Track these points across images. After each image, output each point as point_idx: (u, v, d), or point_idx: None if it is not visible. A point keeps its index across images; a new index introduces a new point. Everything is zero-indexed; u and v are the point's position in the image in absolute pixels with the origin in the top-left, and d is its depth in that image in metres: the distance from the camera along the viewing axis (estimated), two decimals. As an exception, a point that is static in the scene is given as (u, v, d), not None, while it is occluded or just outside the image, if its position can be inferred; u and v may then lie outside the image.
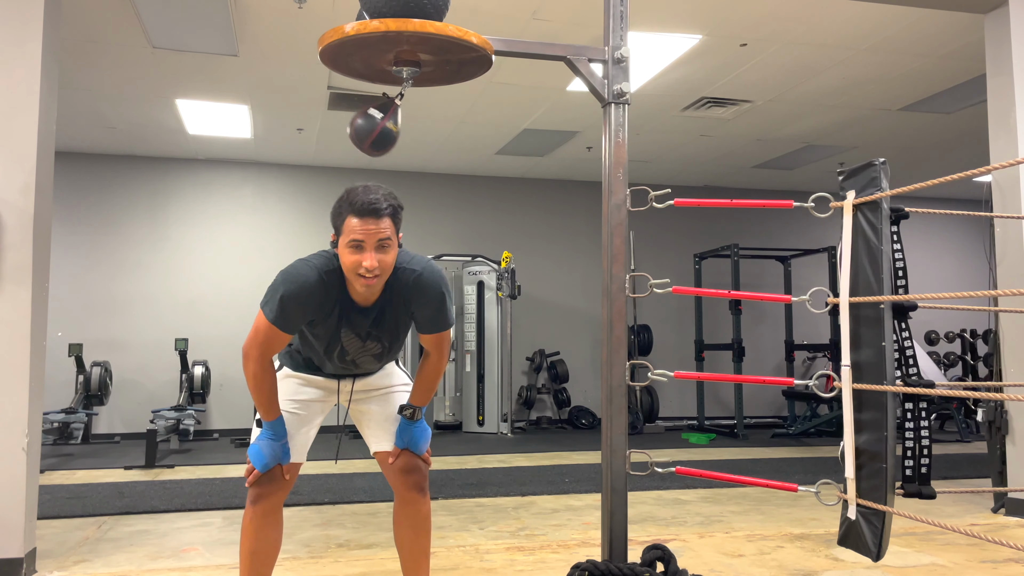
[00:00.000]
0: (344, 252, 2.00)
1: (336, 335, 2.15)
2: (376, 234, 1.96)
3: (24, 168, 3.12)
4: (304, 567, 3.13)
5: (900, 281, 2.13)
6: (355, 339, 2.17)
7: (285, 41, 4.98)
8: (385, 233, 1.98)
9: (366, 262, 1.96)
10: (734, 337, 7.82)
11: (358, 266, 1.97)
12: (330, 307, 2.09)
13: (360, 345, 2.19)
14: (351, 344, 2.17)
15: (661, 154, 7.87)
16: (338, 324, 2.12)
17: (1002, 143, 4.13)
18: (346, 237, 1.98)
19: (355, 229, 1.96)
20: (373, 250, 1.97)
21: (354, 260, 1.97)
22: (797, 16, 4.65)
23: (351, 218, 1.97)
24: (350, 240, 1.97)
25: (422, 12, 2.08)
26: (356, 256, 1.97)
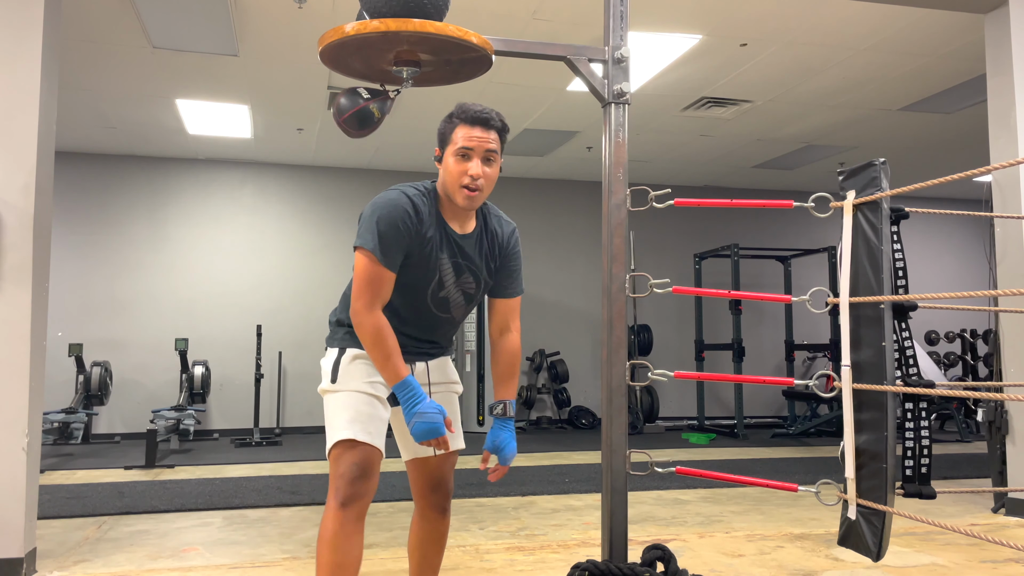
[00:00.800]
0: (449, 162, 1.96)
1: (435, 263, 2.02)
2: (484, 144, 1.94)
3: (24, 168, 3.12)
4: (304, 567, 3.13)
5: (900, 281, 2.13)
6: (450, 269, 2.05)
7: (285, 41, 4.98)
8: (492, 145, 1.96)
9: (472, 170, 1.93)
10: (734, 337, 7.82)
11: (463, 175, 1.94)
12: (427, 230, 1.99)
13: (454, 277, 2.07)
14: (448, 274, 2.05)
15: (661, 154, 7.87)
16: (437, 249, 2.01)
17: (1002, 143, 4.13)
18: (453, 146, 1.95)
19: (464, 137, 1.94)
20: (480, 159, 1.94)
21: (460, 169, 1.94)
22: (797, 16, 4.65)
23: (461, 126, 1.95)
24: (458, 148, 1.94)
25: (422, 12, 2.08)
26: (462, 165, 1.94)
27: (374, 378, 2.01)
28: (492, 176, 1.97)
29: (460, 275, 2.07)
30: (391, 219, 1.92)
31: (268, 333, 7.80)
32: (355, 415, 1.95)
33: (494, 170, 1.98)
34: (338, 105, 2.42)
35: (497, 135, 1.98)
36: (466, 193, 1.94)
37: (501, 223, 2.14)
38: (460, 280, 2.08)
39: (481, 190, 1.95)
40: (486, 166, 1.95)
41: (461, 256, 2.06)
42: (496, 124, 1.97)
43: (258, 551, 3.37)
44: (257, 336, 7.42)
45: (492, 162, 1.97)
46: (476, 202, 1.97)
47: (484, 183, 1.95)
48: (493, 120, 1.96)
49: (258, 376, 7.33)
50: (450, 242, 2.03)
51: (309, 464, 5.85)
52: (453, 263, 2.05)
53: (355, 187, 8.29)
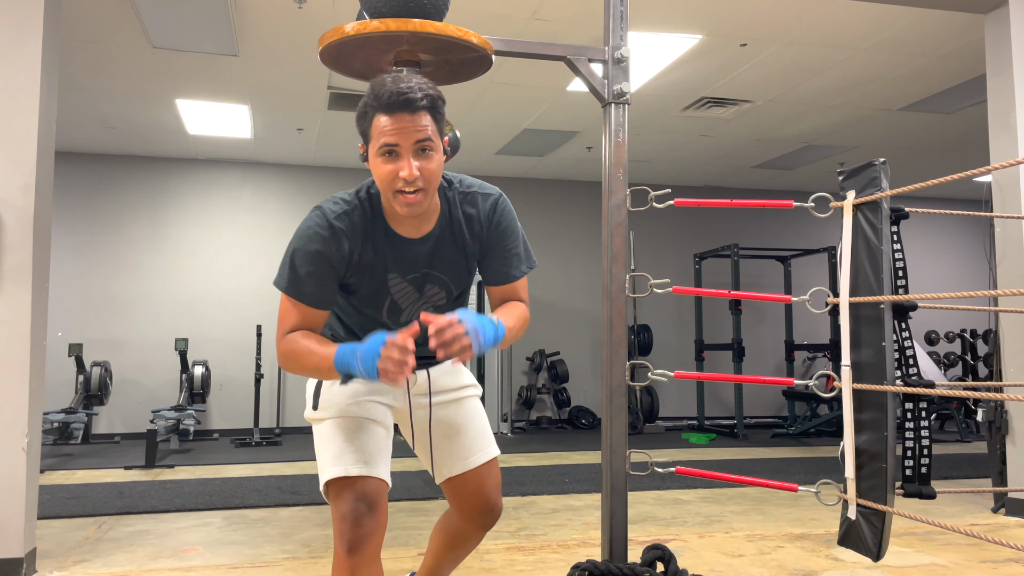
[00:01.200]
0: (376, 164, 1.56)
1: (382, 284, 1.67)
2: (412, 133, 1.51)
3: (24, 168, 3.12)
4: (304, 567, 3.13)
5: (900, 281, 2.13)
6: (407, 287, 1.70)
7: (285, 41, 4.98)
8: (423, 131, 1.52)
9: (403, 171, 1.52)
10: (734, 337, 7.82)
11: (394, 178, 1.54)
12: (361, 250, 1.64)
13: (415, 296, 1.72)
14: (404, 295, 1.71)
15: (661, 154, 7.87)
16: (384, 267, 1.66)
17: (1002, 143, 4.13)
18: (375, 144, 1.54)
19: (384, 130, 1.52)
20: (410, 155, 1.52)
21: (388, 171, 1.54)
22: (797, 16, 4.65)
23: (379, 116, 1.53)
24: (380, 146, 1.53)
25: (422, 12, 2.08)
26: (390, 166, 1.54)
27: (360, 397, 1.75)
28: (433, 171, 1.55)
29: (422, 289, 1.73)
30: (305, 253, 1.60)
31: (268, 333, 7.80)
32: (342, 447, 1.68)
33: (434, 162, 1.55)
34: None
35: (429, 115, 1.54)
36: (403, 200, 1.54)
37: (475, 201, 1.72)
38: (425, 295, 1.74)
39: (424, 190, 1.55)
40: (421, 160, 1.53)
41: (419, 266, 1.69)
42: (423, 103, 1.52)
43: (258, 551, 3.37)
44: (257, 336, 7.42)
45: (429, 152, 1.54)
46: (420, 206, 1.56)
47: (424, 182, 1.54)
48: (416, 98, 1.51)
49: (258, 376, 7.33)
50: (401, 255, 1.67)
51: (309, 464, 5.85)
52: (411, 279, 1.70)
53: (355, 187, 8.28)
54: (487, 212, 1.73)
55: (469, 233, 1.72)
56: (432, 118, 1.55)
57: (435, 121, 1.56)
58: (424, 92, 1.53)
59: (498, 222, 1.74)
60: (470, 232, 1.72)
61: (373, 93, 1.54)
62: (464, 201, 1.72)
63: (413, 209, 1.56)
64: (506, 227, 1.75)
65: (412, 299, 1.73)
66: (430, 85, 1.55)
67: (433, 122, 1.55)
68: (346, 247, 1.62)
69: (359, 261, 1.64)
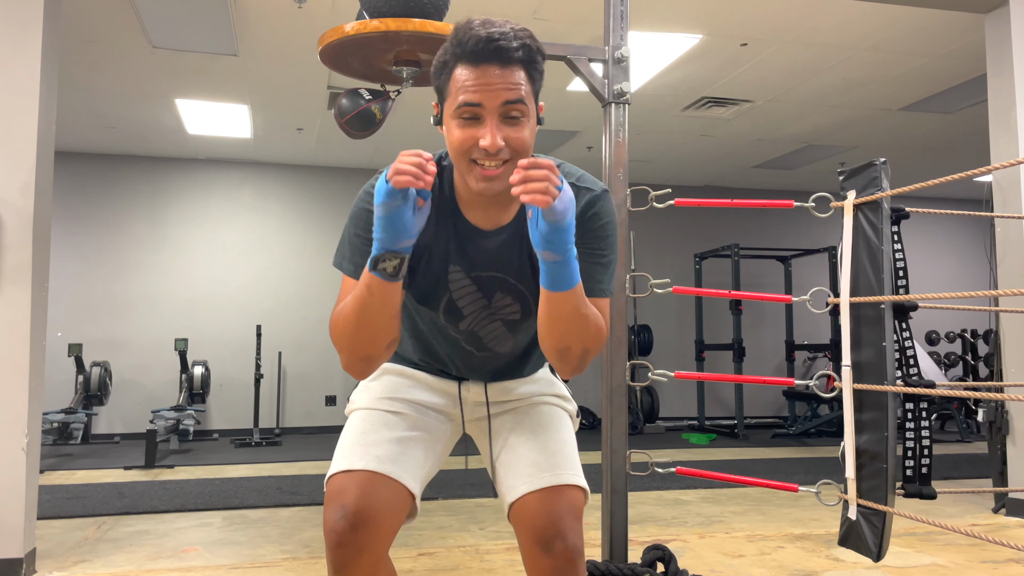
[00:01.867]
0: (450, 128, 1.24)
1: (441, 275, 1.36)
2: (501, 91, 1.19)
3: (24, 168, 3.12)
4: (304, 567, 3.13)
5: (901, 281, 2.13)
6: (470, 287, 1.37)
7: (285, 41, 4.98)
8: (515, 90, 1.20)
9: (484, 139, 1.19)
10: (734, 337, 7.82)
11: (471, 146, 1.21)
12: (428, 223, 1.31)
13: (482, 303, 1.38)
14: (466, 297, 1.38)
15: (661, 154, 7.87)
16: (444, 254, 1.35)
17: (1003, 143, 4.13)
18: (452, 102, 1.22)
19: (466, 85, 1.20)
20: (495, 120, 1.20)
21: (465, 137, 1.21)
22: (797, 16, 4.65)
23: (460, 67, 1.21)
24: (459, 105, 1.20)
25: (422, 12, 2.08)
26: (468, 130, 1.21)
27: (399, 393, 1.48)
28: (523, 141, 1.23)
29: (490, 295, 1.38)
30: (358, 220, 1.34)
31: (268, 333, 7.80)
32: (356, 439, 1.39)
33: (525, 130, 1.23)
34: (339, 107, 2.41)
35: (524, 71, 1.22)
36: (480, 173, 1.22)
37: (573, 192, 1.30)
38: (492, 303, 1.39)
39: (509, 161, 1.22)
40: (509, 127, 1.21)
41: (487, 265, 1.36)
42: (518, 55, 1.21)
43: (258, 551, 3.36)
44: (257, 336, 7.42)
45: (520, 119, 1.22)
46: (499, 183, 1.24)
47: (510, 154, 1.22)
48: (510, 47, 1.19)
49: (258, 376, 7.33)
50: (465, 245, 1.35)
51: (309, 464, 5.85)
52: (476, 279, 1.37)
53: (355, 187, 8.25)
54: (582, 209, 1.33)
55: None
56: (527, 75, 1.23)
57: (531, 80, 1.23)
58: (521, 41, 1.21)
59: (591, 221, 1.34)
60: None
61: (456, 39, 1.21)
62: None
63: (491, 185, 1.23)
64: (599, 229, 1.34)
65: (477, 306, 1.39)
66: (528, 33, 1.23)
67: (528, 80, 1.23)
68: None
69: (425, 239, 1.33)
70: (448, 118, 1.24)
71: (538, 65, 1.25)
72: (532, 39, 1.24)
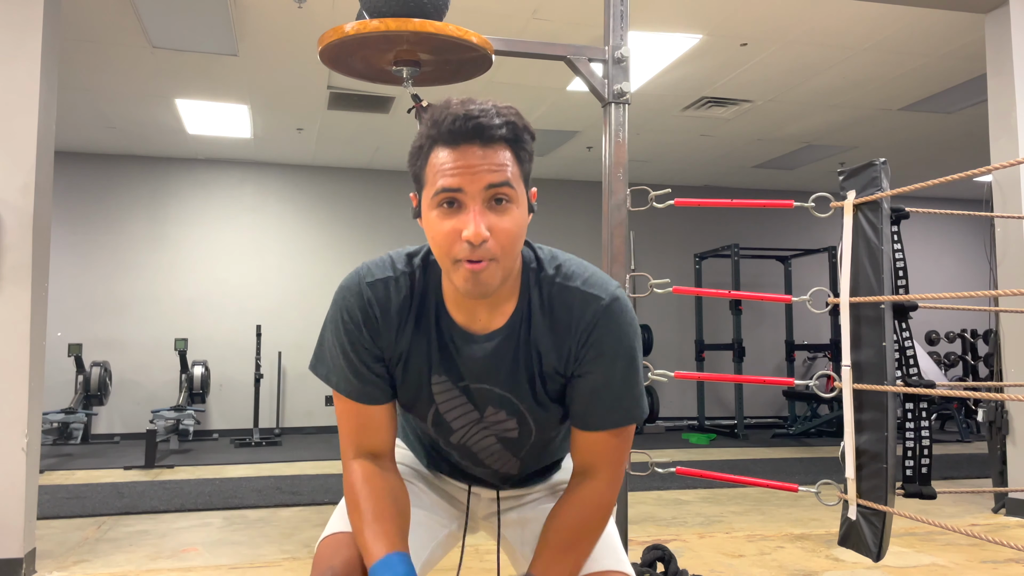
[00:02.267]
0: (429, 220, 1.09)
1: (424, 385, 1.20)
2: (484, 174, 1.05)
3: (23, 168, 3.12)
4: (304, 567, 3.13)
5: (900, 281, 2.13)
6: (459, 399, 1.21)
7: (285, 41, 4.98)
8: (500, 172, 1.06)
9: (467, 229, 1.04)
10: (734, 337, 7.82)
11: (453, 240, 1.06)
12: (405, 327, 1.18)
13: (473, 416, 1.23)
14: (454, 409, 1.22)
15: (661, 154, 7.87)
16: (426, 362, 1.19)
17: (1003, 143, 4.13)
18: (430, 190, 1.08)
19: (444, 168, 1.06)
20: (479, 206, 1.05)
21: (447, 230, 1.06)
22: (797, 16, 4.65)
23: (437, 150, 1.07)
24: (437, 191, 1.06)
25: (422, 12, 2.08)
26: (449, 220, 1.06)
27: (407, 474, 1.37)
28: (511, 231, 1.07)
29: (482, 409, 1.22)
30: (331, 326, 1.19)
31: (268, 333, 7.80)
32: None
33: (513, 219, 1.08)
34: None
35: (510, 151, 1.08)
36: (466, 270, 1.06)
37: (572, 301, 1.15)
38: (485, 419, 1.23)
39: (496, 260, 1.07)
40: (494, 214, 1.06)
41: (478, 376, 1.19)
42: (502, 132, 1.07)
43: (258, 551, 3.36)
44: (257, 336, 7.41)
45: (507, 204, 1.07)
46: (487, 285, 1.07)
47: (496, 246, 1.06)
48: (491, 124, 1.05)
49: (258, 376, 7.33)
50: (452, 353, 1.18)
51: (309, 464, 5.85)
52: (464, 389, 1.20)
53: (355, 187, 8.29)
54: (585, 322, 1.14)
55: (554, 347, 1.16)
56: (514, 155, 1.08)
57: (518, 161, 1.09)
58: (505, 118, 1.07)
59: (597, 340, 1.14)
60: (555, 345, 1.16)
61: (431, 119, 1.09)
62: (558, 296, 1.16)
63: (477, 284, 1.07)
64: (608, 349, 1.14)
65: (468, 420, 1.22)
66: (514, 111, 1.10)
67: (515, 162, 1.08)
68: (377, 324, 1.17)
69: (393, 347, 1.18)
70: (427, 209, 1.09)
71: (526, 145, 1.11)
72: (518, 116, 1.10)
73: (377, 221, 8.33)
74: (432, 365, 1.18)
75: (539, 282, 1.17)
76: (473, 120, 1.05)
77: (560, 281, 1.16)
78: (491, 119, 1.06)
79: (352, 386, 1.18)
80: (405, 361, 1.19)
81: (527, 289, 1.17)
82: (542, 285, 1.17)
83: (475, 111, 1.05)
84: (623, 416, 1.16)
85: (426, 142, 1.09)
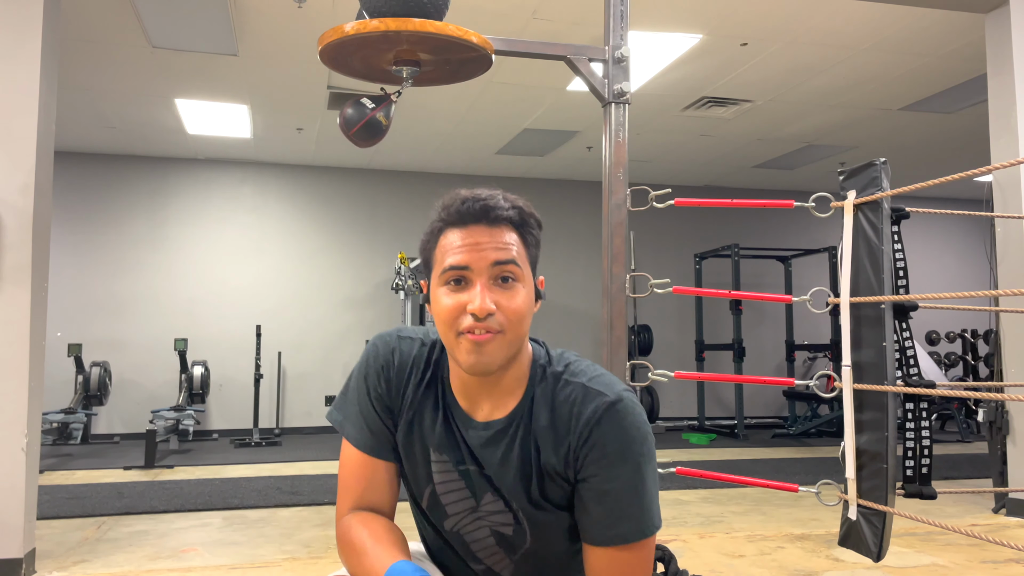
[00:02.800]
0: (437, 298, 1.11)
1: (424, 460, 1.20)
2: (490, 251, 1.09)
3: (23, 168, 3.12)
4: (304, 567, 3.13)
5: (901, 281, 2.13)
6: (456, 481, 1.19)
7: (285, 41, 4.98)
8: (506, 250, 1.10)
9: (472, 302, 1.07)
10: (734, 337, 7.82)
11: (458, 314, 1.09)
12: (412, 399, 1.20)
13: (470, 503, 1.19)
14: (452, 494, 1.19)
15: (661, 154, 7.87)
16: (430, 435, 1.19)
17: (1003, 143, 4.13)
18: (438, 269, 1.12)
19: (452, 247, 1.10)
20: (485, 283, 1.09)
21: (453, 305, 1.09)
22: (797, 16, 4.65)
23: (447, 232, 1.12)
24: (444, 269, 1.10)
25: (422, 11, 2.08)
26: (455, 296, 1.09)
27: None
28: (517, 310, 1.10)
29: (479, 496, 1.18)
30: (362, 370, 1.22)
31: (267, 333, 7.80)
32: None
33: (519, 297, 1.11)
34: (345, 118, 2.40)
35: (516, 233, 1.13)
36: (469, 341, 1.08)
37: (575, 399, 1.13)
38: (481, 507, 1.18)
39: (502, 332, 1.09)
40: (501, 291, 1.10)
41: (475, 461, 1.17)
42: (509, 214, 1.12)
43: (258, 551, 3.36)
44: (256, 336, 7.41)
45: (512, 284, 1.11)
46: (489, 357, 1.09)
47: (502, 321, 1.09)
48: (499, 206, 1.11)
49: (257, 376, 7.33)
50: (453, 434, 1.18)
51: (309, 464, 5.84)
52: (462, 473, 1.18)
53: (355, 187, 8.29)
54: (585, 419, 1.11)
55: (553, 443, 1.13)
56: (520, 238, 1.13)
57: (524, 244, 1.13)
58: (511, 203, 1.12)
59: (600, 441, 1.10)
60: (555, 442, 1.13)
61: (441, 205, 1.13)
62: (562, 391, 1.15)
63: (480, 356, 1.08)
64: (612, 451, 1.10)
65: (464, 506, 1.19)
66: (522, 200, 1.15)
67: (521, 244, 1.13)
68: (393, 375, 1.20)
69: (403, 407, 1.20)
70: (435, 288, 1.12)
71: (532, 229, 1.15)
72: (525, 204, 1.15)
73: (377, 221, 8.34)
74: (435, 441, 1.18)
75: (545, 377, 1.17)
76: (480, 202, 1.10)
77: (566, 377, 1.16)
78: (498, 202, 1.11)
79: (363, 436, 1.19)
80: (409, 425, 1.19)
81: (533, 383, 1.17)
82: (548, 380, 1.17)
83: (483, 195, 1.11)
84: (631, 529, 1.09)
85: (437, 226, 1.13)
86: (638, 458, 1.11)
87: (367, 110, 2.38)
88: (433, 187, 8.56)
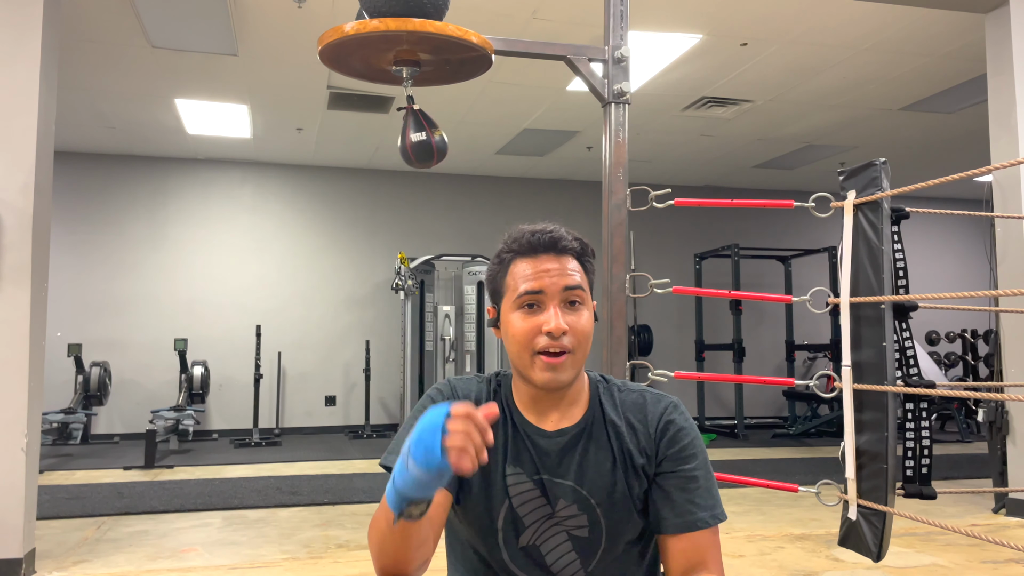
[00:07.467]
0: (510, 322, 1.23)
1: (499, 479, 1.24)
2: (560, 277, 1.21)
3: (23, 168, 3.12)
4: (304, 567, 3.13)
5: (901, 281, 2.13)
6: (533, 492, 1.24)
7: (285, 41, 4.98)
8: (572, 277, 1.22)
9: (548, 323, 1.18)
10: (734, 337, 7.82)
11: (535, 335, 1.20)
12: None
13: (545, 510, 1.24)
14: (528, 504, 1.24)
15: (661, 154, 7.87)
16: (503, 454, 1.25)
17: (1003, 143, 4.13)
18: (512, 295, 1.23)
19: (526, 274, 1.22)
20: (557, 306, 1.20)
21: (529, 327, 1.20)
22: (797, 16, 4.65)
23: (518, 262, 1.24)
24: (520, 295, 1.21)
25: (422, 12, 2.08)
26: (531, 319, 1.20)
27: None
28: (584, 330, 1.22)
29: (554, 502, 1.24)
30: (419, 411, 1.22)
31: (267, 333, 7.80)
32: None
33: (584, 319, 1.22)
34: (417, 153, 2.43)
35: (577, 261, 1.25)
36: (544, 362, 1.19)
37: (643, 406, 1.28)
38: (557, 513, 1.24)
39: (571, 352, 1.21)
40: (570, 314, 1.21)
41: (550, 470, 1.24)
42: (572, 245, 1.25)
43: (257, 551, 3.36)
44: (256, 336, 7.41)
45: (579, 307, 1.22)
46: (563, 374, 1.21)
47: (573, 341, 1.20)
48: (564, 237, 1.25)
49: (257, 376, 7.33)
50: (526, 445, 1.25)
51: (308, 465, 5.84)
52: (538, 481, 1.24)
53: (355, 187, 8.29)
54: (658, 415, 1.26)
55: (632, 442, 1.25)
56: (581, 266, 1.26)
57: (584, 271, 1.26)
58: (573, 236, 1.27)
59: (675, 436, 1.24)
60: (633, 441, 1.25)
61: (510, 238, 1.27)
62: (628, 399, 1.30)
63: (556, 376, 1.20)
64: (687, 444, 1.24)
65: (540, 514, 1.24)
66: (576, 234, 1.28)
67: (583, 271, 1.25)
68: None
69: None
70: (507, 312, 1.24)
71: (590, 259, 1.28)
72: (583, 237, 1.29)
73: (377, 221, 8.34)
74: (508, 457, 1.25)
75: (608, 390, 1.32)
76: (548, 234, 1.24)
77: (623, 387, 1.32)
78: (562, 234, 1.25)
79: None
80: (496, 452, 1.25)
81: (596, 395, 1.30)
82: (610, 389, 1.32)
83: (549, 228, 1.25)
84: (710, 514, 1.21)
85: (507, 256, 1.26)
86: (703, 451, 1.26)
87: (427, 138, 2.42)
88: (433, 187, 8.57)
